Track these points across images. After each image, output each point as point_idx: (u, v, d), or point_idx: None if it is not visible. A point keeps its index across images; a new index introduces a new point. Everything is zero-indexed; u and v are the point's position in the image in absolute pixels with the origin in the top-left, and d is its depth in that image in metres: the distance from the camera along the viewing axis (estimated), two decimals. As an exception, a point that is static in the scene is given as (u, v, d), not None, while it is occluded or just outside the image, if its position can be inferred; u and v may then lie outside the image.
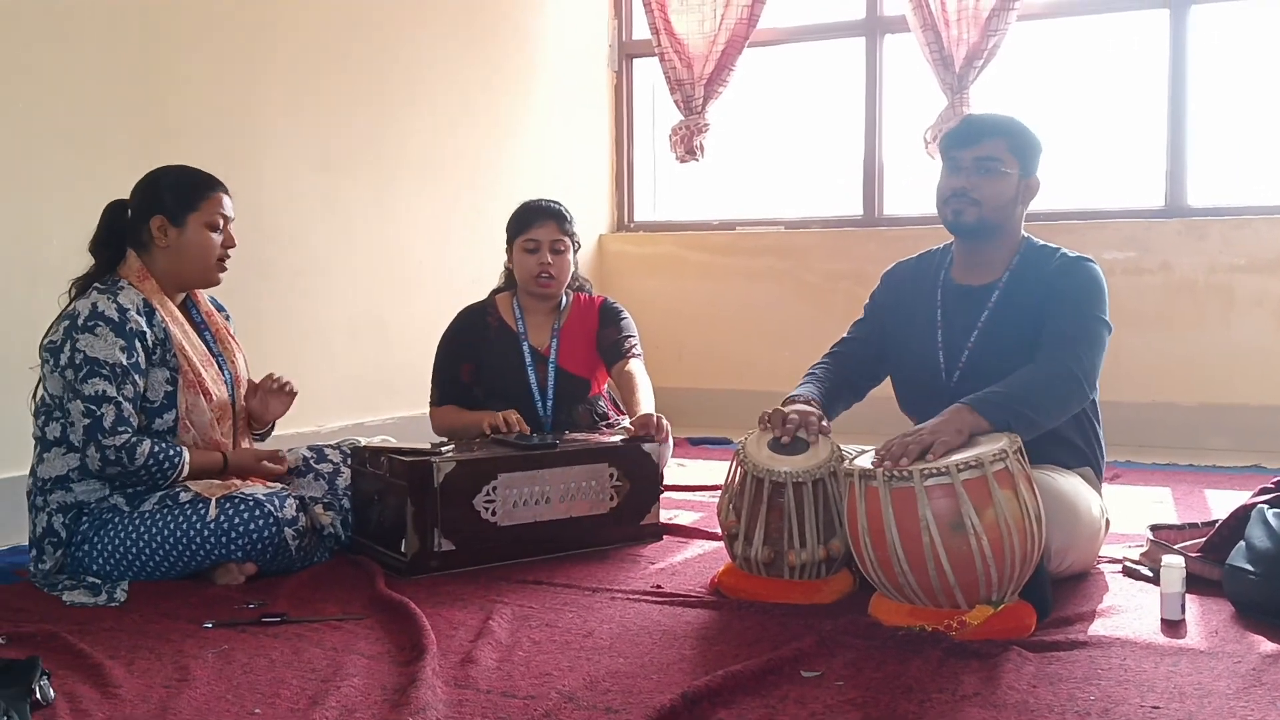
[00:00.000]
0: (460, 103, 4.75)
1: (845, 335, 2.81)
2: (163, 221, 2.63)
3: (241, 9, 3.79)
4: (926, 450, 2.18)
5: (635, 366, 3.23)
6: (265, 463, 2.74)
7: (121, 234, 2.67)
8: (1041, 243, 2.63)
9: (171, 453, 2.56)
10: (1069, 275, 2.53)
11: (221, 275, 2.72)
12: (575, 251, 3.33)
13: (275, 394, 2.83)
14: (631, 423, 3.02)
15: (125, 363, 2.51)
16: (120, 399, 2.50)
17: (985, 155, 2.52)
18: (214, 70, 3.70)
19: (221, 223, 2.69)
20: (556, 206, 3.30)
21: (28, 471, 2.64)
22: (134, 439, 2.51)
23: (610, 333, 3.32)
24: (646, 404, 3.08)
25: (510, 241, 3.31)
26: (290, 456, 2.85)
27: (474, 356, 3.28)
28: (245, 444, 2.81)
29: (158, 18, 3.51)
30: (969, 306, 2.59)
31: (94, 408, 2.48)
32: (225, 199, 2.70)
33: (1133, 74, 4.83)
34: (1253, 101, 4.68)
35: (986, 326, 2.55)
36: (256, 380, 2.86)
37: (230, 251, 2.71)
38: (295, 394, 2.87)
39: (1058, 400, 2.37)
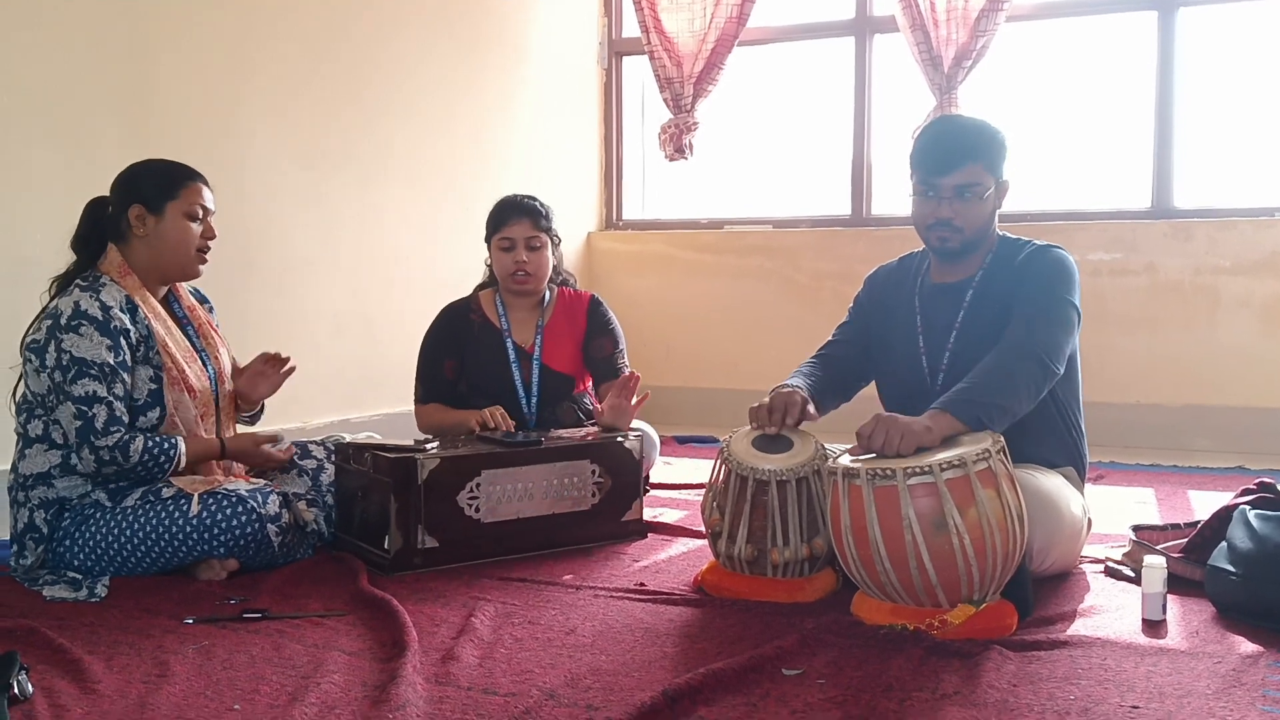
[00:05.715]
0: (447, 99, 4.73)
1: (830, 338, 2.81)
2: (141, 210, 2.61)
3: (227, 5, 3.77)
4: (897, 439, 2.17)
5: None
6: (265, 446, 2.72)
7: (102, 230, 2.64)
8: (1014, 237, 2.63)
9: (166, 445, 2.54)
10: (1036, 261, 2.53)
11: (202, 267, 2.70)
12: (555, 247, 3.31)
13: (262, 374, 2.83)
14: (606, 390, 2.99)
15: (112, 361, 2.49)
16: (111, 398, 2.48)
17: (965, 183, 2.47)
18: (199, 66, 3.69)
19: (201, 213, 2.66)
20: (531, 202, 3.26)
21: (9, 467, 2.62)
22: (127, 436, 2.49)
23: (603, 344, 3.29)
24: None
25: (488, 239, 3.29)
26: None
27: (457, 353, 3.27)
28: (231, 433, 2.79)
29: (142, 14, 3.49)
30: (946, 305, 2.59)
31: (85, 409, 2.45)
32: (205, 189, 2.67)
33: (1120, 75, 4.85)
34: (1240, 104, 4.70)
35: (964, 325, 2.55)
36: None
37: (211, 244, 2.69)
38: (289, 372, 2.85)
39: (1021, 383, 2.32)
